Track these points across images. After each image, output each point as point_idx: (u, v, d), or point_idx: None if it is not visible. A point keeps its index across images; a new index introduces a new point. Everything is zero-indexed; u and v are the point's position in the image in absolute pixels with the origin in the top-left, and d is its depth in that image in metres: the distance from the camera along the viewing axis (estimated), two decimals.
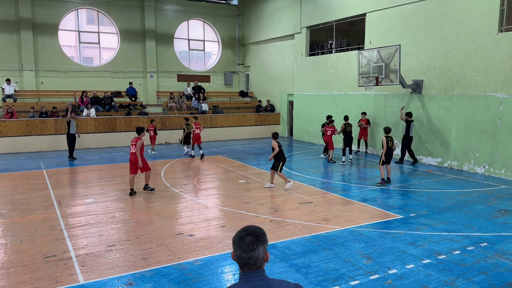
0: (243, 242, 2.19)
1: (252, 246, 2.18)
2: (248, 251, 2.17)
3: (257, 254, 2.19)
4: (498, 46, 12.19)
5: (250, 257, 2.18)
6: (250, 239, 2.19)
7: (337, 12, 18.28)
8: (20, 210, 8.88)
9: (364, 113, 16.48)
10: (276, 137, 11.03)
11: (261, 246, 2.21)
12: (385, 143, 11.16)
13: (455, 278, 5.69)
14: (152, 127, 16.70)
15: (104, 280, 5.59)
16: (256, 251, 2.18)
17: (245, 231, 2.24)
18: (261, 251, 2.20)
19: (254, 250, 2.18)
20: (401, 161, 14.67)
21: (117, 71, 22.54)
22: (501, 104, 12.24)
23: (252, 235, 2.21)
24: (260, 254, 2.20)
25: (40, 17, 20.49)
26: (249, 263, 2.19)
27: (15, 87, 19.28)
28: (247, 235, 2.21)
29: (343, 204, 9.42)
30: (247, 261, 2.18)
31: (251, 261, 2.18)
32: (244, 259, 2.18)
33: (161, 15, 23.74)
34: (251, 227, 2.26)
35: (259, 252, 2.19)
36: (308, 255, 6.34)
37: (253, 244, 2.18)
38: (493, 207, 9.23)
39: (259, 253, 2.19)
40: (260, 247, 2.20)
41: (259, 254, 2.19)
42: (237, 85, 26.81)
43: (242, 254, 2.18)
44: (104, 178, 12.29)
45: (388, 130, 11.49)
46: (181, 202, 9.70)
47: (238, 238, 2.22)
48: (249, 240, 2.19)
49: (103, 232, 7.48)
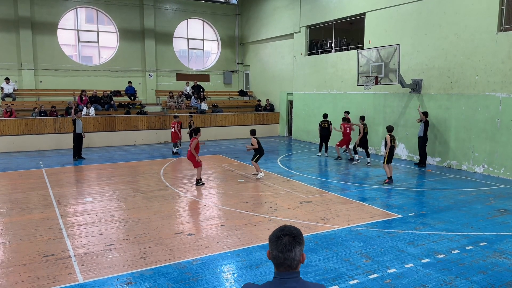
0: (280, 242, 2.15)
1: (290, 246, 2.15)
2: (285, 252, 2.14)
3: (294, 255, 2.15)
4: (498, 46, 12.20)
5: (287, 257, 2.14)
6: (287, 239, 2.16)
7: (337, 12, 18.28)
8: (19, 209, 8.87)
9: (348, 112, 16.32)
10: (254, 134, 12.35)
11: (298, 247, 2.17)
12: (389, 141, 11.15)
13: (454, 277, 5.70)
14: (174, 123, 16.78)
15: (103, 279, 5.58)
16: (293, 252, 2.15)
17: (282, 230, 2.20)
18: (297, 252, 2.16)
19: (291, 250, 2.14)
20: (423, 164, 13.90)
21: (116, 70, 22.52)
22: (500, 103, 12.25)
23: (289, 236, 2.17)
24: (297, 255, 2.16)
25: (39, 16, 20.46)
26: (285, 264, 2.16)
27: (14, 86, 19.26)
28: (285, 235, 2.17)
29: (342, 203, 9.43)
30: (283, 261, 2.15)
31: (287, 261, 2.15)
32: (281, 259, 2.15)
33: (161, 14, 23.72)
34: (288, 227, 2.22)
35: (295, 253, 2.15)
36: (307, 254, 6.36)
37: (290, 245, 2.15)
38: (492, 206, 9.25)
39: (296, 254, 2.16)
40: (297, 248, 2.16)
41: (296, 255, 2.16)
42: (237, 84, 26.80)
43: (279, 254, 2.15)
44: (103, 177, 12.28)
45: (391, 128, 11.47)
46: (180, 201, 9.70)
47: (275, 237, 2.18)
48: (286, 240, 2.15)
49: (102, 231, 7.48)
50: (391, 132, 11.38)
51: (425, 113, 13.79)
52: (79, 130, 15.14)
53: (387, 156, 11.19)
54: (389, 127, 11.52)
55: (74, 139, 15.13)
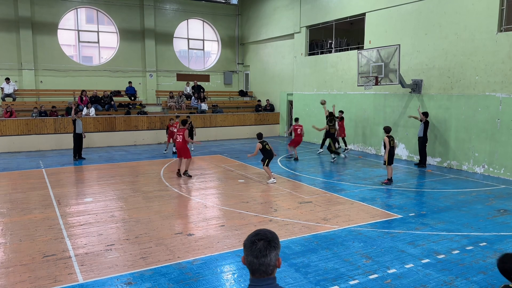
0: (255, 247, 2.11)
1: (265, 251, 2.10)
2: (260, 257, 2.10)
3: (269, 260, 2.11)
4: (498, 46, 12.20)
5: (262, 263, 2.10)
6: (262, 244, 2.11)
7: (337, 12, 18.29)
8: (19, 209, 8.87)
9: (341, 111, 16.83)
10: (260, 138, 11.81)
11: (274, 251, 2.13)
12: (388, 142, 11.14)
13: (454, 277, 5.70)
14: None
15: (104, 279, 5.58)
16: (268, 257, 2.10)
17: (257, 235, 2.16)
18: (273, 257, 2.12)
19: (266, 256, 2.10)
20: (423, 164, 13.91)
21: (117, 70, 22.53)
22: (500, 103, 12.24)
23: (264, 240, 2.12)
24: (272, 260, 2.12)
25: (39, 16, 20.47)
26: (260, 269, 2.11)
27: (14, 86, 19.26)
28: (259, 240, 2.13)
29: (342, 203, 9.43)
30: (259, 267, 2.11)
31: (262, 267, 2.11)
32: (256, 265, 2.11)
33: (161, 14, 23.72)
34: (263, 231, 2.18)
35: (271, 258, 2.11)
36: (307, 254, 6.34)
37: (265, 250, 2.10)
38: (492, 206, 9.24)
39: (271, 259, 2.11)
40: (272, 253, 2.12)
41: (271, 260, 2.11)
42: (237, 84, 26.80)
43: (254, 259, 2.10)
44: (104, 177, 12.28)
45: (388, 129, 11.44)
46: (181, 201, 9.70)
47: (250, 242, 2.14)
48: (261, 245, 2.11)
49: (102, 231, 7.48)
50: (388, 133, 11.33)
51: (425, 113, 13.76)
52: (79, 130, 15.13)
53: (388, 157, 11.18)
54: (387, 128, 11.44)
55: (74, 139, 15.12)
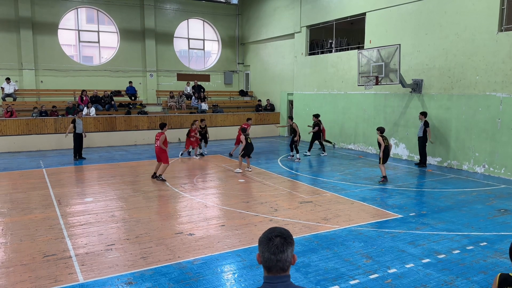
0: (272, 244, 2.11)
1: (282, 247, 2.11)
2: (278, 253, 2.10)
3: (286, 256, 2.12)
4: (498, 46, 12.19)
5: (279, 259, 2.10)
6: (279, 240, 2.12)
7: (337, 12, 18.27)
8: (20, 209, 8.88)
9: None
10: (244, 131, 13.41)
11: (290, 247, 2.14)
12: (381, 141, 11.34)
13: (455, 277, 5.69)
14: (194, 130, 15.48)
15: (104, 279, 5.58)
16: (285, 253, 2.11)
17: (273, 232, 2.16)
18: (289, 253, 2.13)
19: (283, 251, 2.11)
20: (424, 164, 13.88)
21: (117, 70, 22.53)
22: (501, 103, 12.23)
23: (280, 237, 2.13)
24: (289, 256, 2.13)
25: (39, 16, 20.47)
26: (278, 266, 2.12)
27: (14, 86, 19.27)
28: (276, 236, 2.13)
29: (342, 203, 9.42)
30: (276, 263, 2.11)
31: (280, 263, 2.11)
32: (273, 261, 2.11)
33: (161, 14, 23.72)
34: (278, 228, 2.19)
35: (288, 254, 2.12)
36: (308, 254, 6.34)
37: (282, 246, 2.11)
38: (492, 206, 9.24)
39: (288, 255, 2.13)
40: (289, 249, 2.13)
41: (288, 256, 2.13)
42: (237, 84, 26.80)
43: (271, 256, 2.10)
44: (104, 177, 12.28)
45: (382, 130, 11.64)
46: (181, 201, 9.70)
47: (267, 239, 2.14)
48: (278, 241, 2.11)
49: (102, 231, 7.48)
50: (382, 133, 11.53)
51: (424, 113, 13.78)
52: (80, 130, 15.13)
53: (383, 156, 11.33)
54: (381, 128, 11.67)
55: (75, 139, 15.12)
